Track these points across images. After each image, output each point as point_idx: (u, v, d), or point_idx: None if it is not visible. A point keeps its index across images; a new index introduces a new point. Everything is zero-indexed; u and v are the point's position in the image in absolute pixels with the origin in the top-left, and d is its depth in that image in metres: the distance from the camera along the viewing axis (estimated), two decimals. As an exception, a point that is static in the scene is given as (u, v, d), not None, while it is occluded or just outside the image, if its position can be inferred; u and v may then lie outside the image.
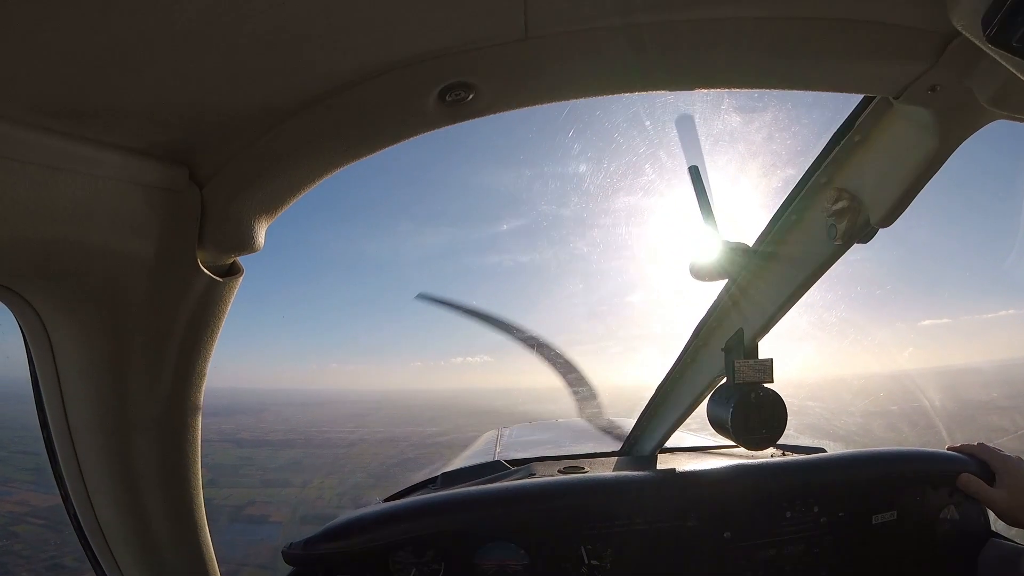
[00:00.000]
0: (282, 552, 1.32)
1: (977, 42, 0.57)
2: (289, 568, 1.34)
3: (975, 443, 1.61)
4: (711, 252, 1.18)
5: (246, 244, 0.77)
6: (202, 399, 0.88)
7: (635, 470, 1.68)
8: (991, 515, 1.54)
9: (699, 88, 0.81)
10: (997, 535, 1.56)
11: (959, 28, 0.60)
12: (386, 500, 1.64)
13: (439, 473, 1.88)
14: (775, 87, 0.80)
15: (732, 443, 1.42)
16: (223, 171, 0.71)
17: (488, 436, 2.82)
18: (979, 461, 1.56)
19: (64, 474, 0.84)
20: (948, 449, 1.63)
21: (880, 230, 1.09)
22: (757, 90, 0.83)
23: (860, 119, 0.99)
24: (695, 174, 1.15)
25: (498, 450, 2.38)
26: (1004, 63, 0.58)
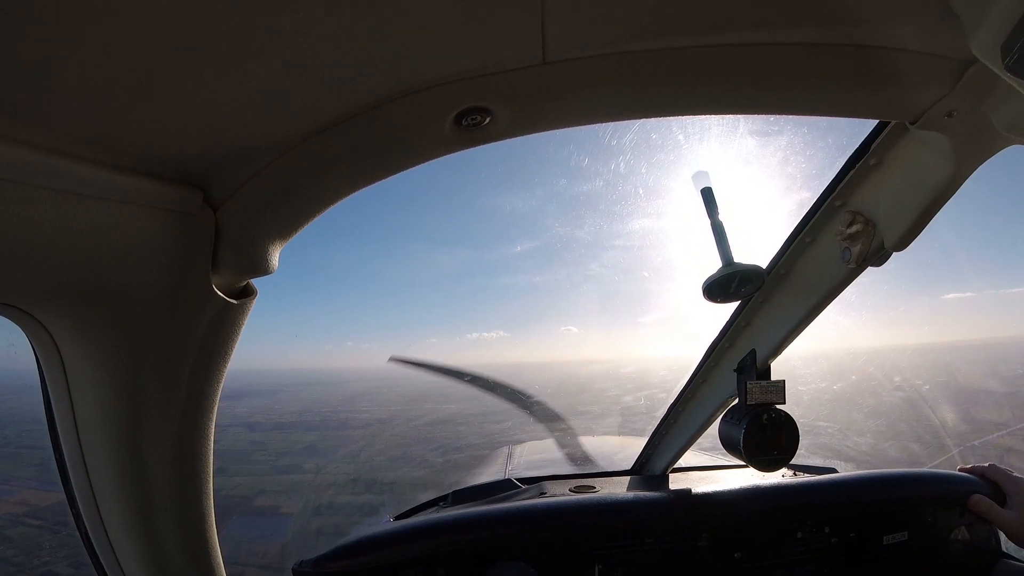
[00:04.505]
0: (292, 569, 1.31)
1: (996, 70, 0.56)
2: None
3: (986, 464, 1.61)
4: (724, 273, 1.10)
5: (260, 267, 0.77)
6: (214, 418, 0.87)
7: (647, 490, 1.66)
8: (1002, 536, 1.55)
9: (716, 113, 0.79)
10: (1008, 556, 1.57)
11: (978, 56, 0.58)
12: (396, 518, 1.65)
13: (450, 492, 1.85)
14: (792, 113, 0.78)
15: (743, 463, 1.34)
16: (238, 194, 0.70)
17: (499, 453, 2.78)
18: (990, 482, 1.56)
19: (76, 495, 0.84)
20: (959, 470, 1.63)
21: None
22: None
23: (875, 143, 0.96)
24: (708, 196, 1.09)
25: (509, 468, 2.35)
26: (1022, 91, 0.57)
